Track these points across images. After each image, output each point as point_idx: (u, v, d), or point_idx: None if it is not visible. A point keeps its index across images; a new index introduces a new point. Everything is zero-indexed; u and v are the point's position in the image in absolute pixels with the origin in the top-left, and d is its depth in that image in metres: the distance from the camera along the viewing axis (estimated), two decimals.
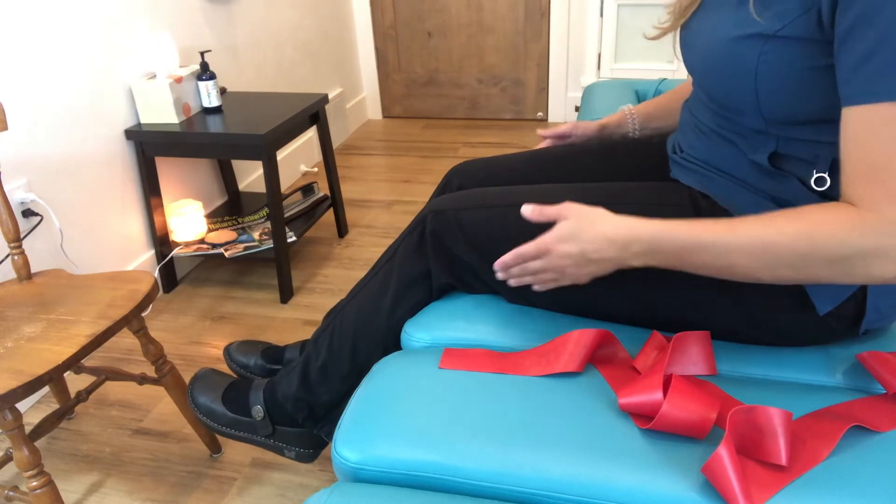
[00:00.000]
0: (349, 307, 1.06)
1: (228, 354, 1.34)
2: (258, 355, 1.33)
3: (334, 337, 1.05)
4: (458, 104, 3.47)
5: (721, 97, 0.84)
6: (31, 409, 1.59)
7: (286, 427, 1.13)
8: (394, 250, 1.04)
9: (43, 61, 1.59)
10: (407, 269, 1.01)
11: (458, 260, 0.98)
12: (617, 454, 0.73)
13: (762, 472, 0.68)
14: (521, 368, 0.86)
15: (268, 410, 1.12)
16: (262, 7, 2.49)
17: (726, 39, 0.79)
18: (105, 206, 1.83)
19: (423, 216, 1.00)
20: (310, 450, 1.15)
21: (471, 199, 0.99)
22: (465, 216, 0.97)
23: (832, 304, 0.82)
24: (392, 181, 2.79)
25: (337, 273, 2.11)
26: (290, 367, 1.10)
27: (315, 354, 1.07)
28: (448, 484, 0.75)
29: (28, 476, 1.08)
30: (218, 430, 1.15)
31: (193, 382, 1.20)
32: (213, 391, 1.17)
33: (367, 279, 1.06)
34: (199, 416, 1.16)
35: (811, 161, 0.79)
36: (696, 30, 0.88)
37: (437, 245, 0.99)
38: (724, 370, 0.88)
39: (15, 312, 1.18)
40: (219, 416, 1.15)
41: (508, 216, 0.94)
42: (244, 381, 1.18)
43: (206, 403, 1.16)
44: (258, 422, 1.12)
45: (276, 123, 1.84)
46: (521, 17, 3.19)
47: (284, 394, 1.09)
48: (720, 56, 0.80)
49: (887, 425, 0.74)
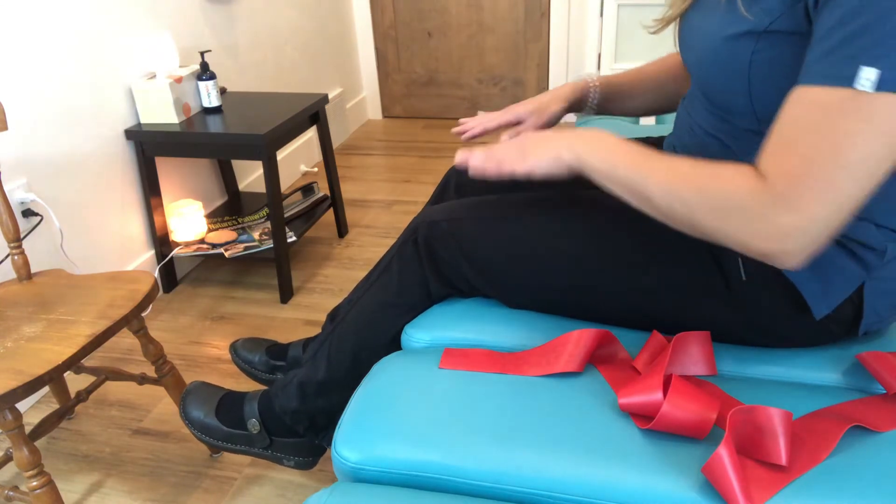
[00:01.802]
0: (347, 321, 1.04)
1: (234, 350, 1.35)
2: (263, 352, 1.33)
3: (332, 350, 1.04)
4: (458, 104, 3.47)
5: (716, 96, 0.84)
6: (31, 409, 1.59)
7: (284, 438, 1.12)
8: (387, 262, 1.02)
9: (43, 61, 1.59)
10: (404, 282, 1.00)
11: (453, 271, 0.98)
12: (617, 454, 0.73)
13: (762, 472, 0.68)
14: (521, 368, 0.86)
15: (264, 423, 1.10)
16: (262, 7, 2.49)
17: (720, 38, 0.79)
18: (105, 206, 1.83)
19: (414, 227, 0.98)
20: (309, 458, 1.15)
21: (464, 209, 0.97)
22: (458, 227, 0.95)
23: (828, 307, 0.82)
24: (392, 181, 2.79)
25: (337, 273, 2.11)
26: (287, 380, 1.09)
27: (313, 369, 1.05)
28: (448, 484, 0.75)
29: (28, 476, 1.08)
30: (214, 444, 1.13)
31: (185, 397, 1.17)
32: (206, 405, 1.15)
33: (362, 291, 1.05)
34: (194, 432, 1.14)
35: None
36: (693, 28, 0.88)
37: (431, 256, 0.98)
38: (724, 370, 0.88)
39: (15, 312, 1.18)
40: (214, 431, 1.13)
41: (501, 228, 0.94)
42: (237, 394, 1.17)
43: (200, 418, 1.14)
44: (255, 435, 1.11)
45: (276, 123, 1.84)
46: (521, 17, 3.20)
47: (282, 407, 1.08)
48: (714, 55, 0.80)
49: (887, 425, 0.74)
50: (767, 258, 0.70)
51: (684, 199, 0.72)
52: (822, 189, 0.66)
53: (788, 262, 0.70)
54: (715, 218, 0.71)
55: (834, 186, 0.66)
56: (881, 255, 0.80)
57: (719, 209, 0.70)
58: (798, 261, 0.70)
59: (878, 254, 0.80)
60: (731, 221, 0.70)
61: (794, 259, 0.69)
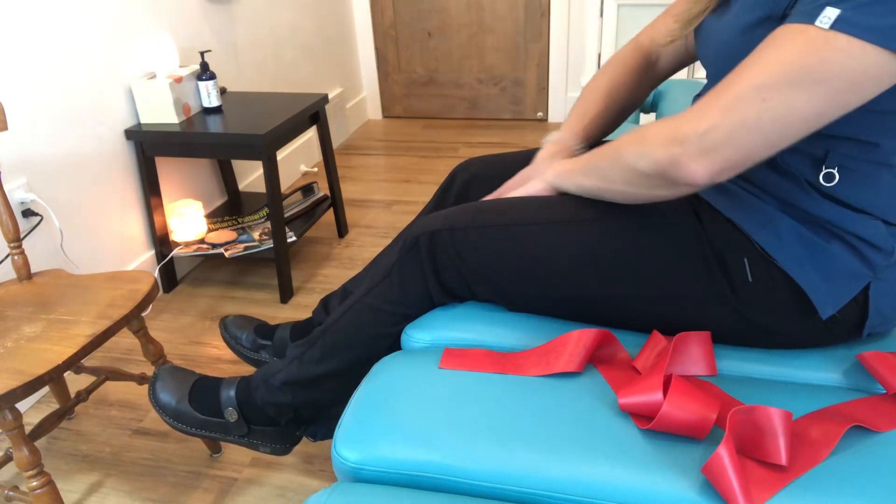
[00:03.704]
0: (343, 323, 1.02)
1: (224, 326, 1.36)
2: (251, 330, 1.34)
3: (325, 350, 1.03)
4: (458, 104, 3.47)
5: None
6: (31, 409, 1.59)
7: (262, 427, 1.11)
8: (388, 269, 1.00)
9: (43, 61, 1.59)
10: (406, 290, 0.99)
11: (455, 279, 0.97)
12: (617, 454, 0.73)
13: (762, 472, 0.68)
14: (521, 368, 0.86)
15: (242, 411, 1.09)
16: (262, 7, 2.49)
17: (739, 29, 0.79)
18: (105, 206, 1.83)
19: (416, 236, 0.97)
20: (286, 445, 1.14)
21: (464, 218, 0.96)
22: (459, 237, 0.95)
23: (834, 307, 0.82)
24: (392, 181, 2.79)
25: (337, 273, 2.11)
26: (270, 373, 1.07)
27: (302, 366, 1.04)
28: (448, 484, 0.75)
29: (28, 476, 1.08)
30: (187, 431, 1.11)
31: (155, 382, 1.14)
32: (178, 391, 1.12)
33: (360, 294, 1.03)
34: (165, 419, 1.11)
35: (820, 156, 0.79)
36: (709, 26, 0.88)
37: (433, 266, 0.97)
38: (724, 370, 0.88)
39: (15, 312, 1.18)
40: (187, 418, 1.11)
41: (503, 237, 0.93)
42: (211, 380, 1.14)
43: (172, 405, 1.11)
44: (232, 423, 1.10)
45: (276, 123, 1.84)
46: (521, 17, 3.20)
47: (265, 399, 1.07)
48: (735, 46, 0.79)
49: (887, 425, 0.74)
50: (669, 168, 0.73)
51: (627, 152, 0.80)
52: (729, 102, 0.68)
53: (685, 168, 0.72)
54: (637, 147, 0.78)
55: (740, 101, 0.67)
56: (888, 256, 0.80)
57: (640, 138, 0.77)
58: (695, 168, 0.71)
59: (884, 254, 0.80)
60: (645, 143, 0.76)
61: (691, 164, 0.71)
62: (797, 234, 0.81)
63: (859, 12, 0.63)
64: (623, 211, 0.90)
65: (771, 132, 0.68)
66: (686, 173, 0.72)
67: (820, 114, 0.67)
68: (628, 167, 0.80)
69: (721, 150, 0.69)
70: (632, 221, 0.89)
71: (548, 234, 0.92)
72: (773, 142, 0.69)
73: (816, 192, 0.80)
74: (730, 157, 0.70)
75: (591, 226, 0.91)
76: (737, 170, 0.72)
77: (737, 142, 0.68)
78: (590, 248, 0.90)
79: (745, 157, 0.70)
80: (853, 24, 0.63)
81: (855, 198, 0.79)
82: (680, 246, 0.86)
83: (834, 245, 0.80)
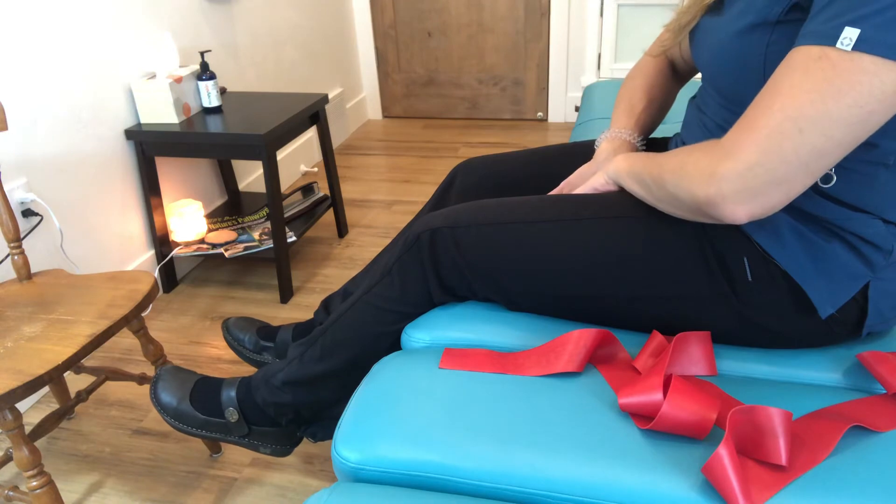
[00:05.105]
0: (343, 321, 1.03)
1: (226, 328, 1.36)
2: (253, 332, 1.35)
3: (325, 349, 1.03)
4: (458, 104, 3.47)
5: (730, 91, 0.84)
6: (31, 409, 1.59)
7: (263, 427, 1.11)
8: (389, 267, 1.00)
9: (43, 61, 1.59)
10: (406, 289, 0.99)
11: (455, 278, 0.97)
12: (617, 454, 0.73)
13: (762, 472, 0.68)
14: (521, 368, 0.86)
15: (242, 412, 1.10)
16: (262, 7, 2.49)
17: (734, 33, 0.79)
18: (105, 206, 1.83)
19: (417, 234, 0.97)
20: (287, 446, 1.14)
21: (465, 216, 0.96)
22: (460, 235, 0.95)
23: (833, 307, 0.82)
24: (392, 181, 2.79)
25: (337, 273, 2.11)
26: (270, 373, 1.07)
27: (302, 366, 1.04)
28: (448, 484, 0.75)
29: (28, 476, 1.08)
30: (188, 432, 1.11)
31: (156, 382, 1.15)
32: (179, 391, 1.13)
33: (360, 292, 1.03)
34: (167, 419, 1.11)
35: None
36: (704, 29, 0.88)
37: (434, 264, 0.97)
38: (724, 370, 0.88)
39: (15, 312, 1.18)
40: (188, 418, 1.11)
41: (504, 235, 0.93)
42: (212, 381, 1.15)
43: (174, 405, 1.12)
44: (233, 423, 1.10)
45: (276, 123, 1.84)
46: (521, 17, 3.20)
47: (265, 400, 1.07)
48: (729, 50, 0.80)
49: (887, 425, 0.74)
50: (709, 208, 0.73)
51: (668, 182, 0.80)
52: (765, 136, 0.67)
53: (726, 209, 0.71)
54: (677, 178, 0.78)
55: (778, 135, 0.66)
56: (887, 255, 0.80)
57: (681, 168, 0.77)
58: (735, 209, 0.71)
59: (884, 253, 0.80)
60: (685, 176, 0.76)
61: (731, 206, 0.71)
62: (797, 233, 0.81)
63: (881, 30, 0.61)
64: (623, 210, 0.91)
65: (811, 162, 0.66)
66: (726, 215, 0.72)
67: (857, 137, 0.66)
68: (670, 195, 0.80)
69: (764, 190, 0.68)
70: (632, 221, 0.89)
71: (549, 233, 0.92)
72: (814, 171, 0.68)
73: (815, 191, 0.80)
74: (772, 196, 0.69)
75: (591, 225, 0.91)
76: (777, 209, 0.71)
77: (780, 177, 0.67)
78: (590, 248, 0.90)
79: (786, 194, 0.69)
80: (877, 43, 0.61)
81: (853, 197, 0.79)
82: (680, 245, 0.86)
83: (834, 244, 0.80)
